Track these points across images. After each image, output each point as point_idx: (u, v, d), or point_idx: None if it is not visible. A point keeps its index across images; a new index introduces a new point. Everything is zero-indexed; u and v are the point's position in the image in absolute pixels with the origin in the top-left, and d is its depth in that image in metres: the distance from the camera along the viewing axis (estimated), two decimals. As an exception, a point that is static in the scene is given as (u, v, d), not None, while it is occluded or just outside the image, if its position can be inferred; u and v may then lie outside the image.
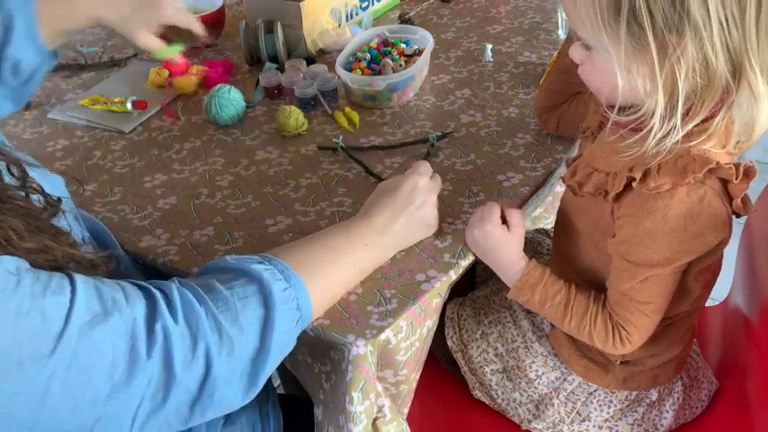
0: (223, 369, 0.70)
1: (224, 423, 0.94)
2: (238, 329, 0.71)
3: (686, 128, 0.74)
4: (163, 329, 0.66)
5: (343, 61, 1.28)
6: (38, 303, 0.59)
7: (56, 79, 1.45)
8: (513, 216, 0.91)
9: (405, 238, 0.93)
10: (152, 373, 0.65)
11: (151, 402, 0.65)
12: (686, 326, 0.97)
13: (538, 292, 0.90)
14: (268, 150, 1.19)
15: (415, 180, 0.93)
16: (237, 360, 0.71)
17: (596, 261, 0.92)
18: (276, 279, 0.76)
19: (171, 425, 0.70)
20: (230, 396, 0.72)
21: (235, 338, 0.70)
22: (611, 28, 0.72)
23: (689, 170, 0.76)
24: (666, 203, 0.78)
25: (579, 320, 0.88)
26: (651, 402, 1.00)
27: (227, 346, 0.70)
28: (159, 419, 0.67)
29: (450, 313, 1.10)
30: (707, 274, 0.90)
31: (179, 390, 0.67)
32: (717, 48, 0.70)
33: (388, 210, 0.90)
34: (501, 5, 1.58)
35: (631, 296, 0.84)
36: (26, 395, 0.59)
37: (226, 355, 0.70)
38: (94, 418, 0.63)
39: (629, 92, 0.75)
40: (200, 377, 0.68)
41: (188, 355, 0.67)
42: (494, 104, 1.24)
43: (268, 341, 0.73)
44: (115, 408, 0.63)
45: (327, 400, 0.93)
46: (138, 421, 0.65)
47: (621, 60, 0.73)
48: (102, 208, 1.09)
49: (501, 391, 1.05)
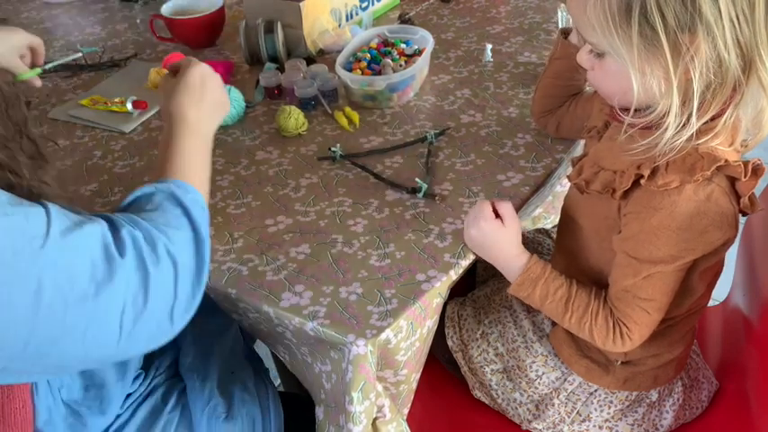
0: (187, 262, 0.76)
1: (225, 417, 0.95)
2: (176, 227, 0.78)
3: (695, 127, 0.75)
4: (129, 234, 0.72)
5: (343, 61, 1.28)
6: (18, 209, 0.65)
7: (56, 79, 1.45)
8: (504, 209, 0.91)
9: (212, 121, 0.98)
10: (129, 273, 0.70)
11: (133, 307, 0.70)
12: (687, 326, 0.97)
13: (539, 288, 0.89)
14: (268, 150, 1.19)
15: (199, 68, 0.98)
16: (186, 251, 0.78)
17: (601, 260, 0.92)
18: (169, 183, 0.84)
19: (156, 335, 0.74)
20: (188, 286, 0.76)
21: (176, 235, 0.77)
22: (623, 31, 0.72)
23: (697, 167, 0.76)
24: (674, 200, 0.78)
25: (580, 316, 0.88)
26: (651, 403, 1.00)
27: (177, 242, 0.76)
28: (145, 325, 0.71)
29: (451, 313, 1.10)
30: (710, 273, 0.90)
31: (157, 289, 0.72)
32: (729, 44, 0.71)
33: (194, 106, 0.95)
34: (501, 5, 1.58)
35: (634, 293, 0.84)
36: (22, 287, 0.63)
37: (179, 250, 0.76)
38: (85, 319, 0.66)
39: (643, 94, 0.75)
40: (172, 272, 0.74)
41: (153, 256, 0.72)
42: (494, 104, 1.24)
43: (197, 227, 0.80)
44: (102, 308, 0.67)
45: (328, 399, 0.93)
46: (126, 329, 0.69)
47: (635, 63, 0.73)
48: (102, 208, 1.09)
49: (501, 391, 1.05)
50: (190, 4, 1.51)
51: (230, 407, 0.96)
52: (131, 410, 0.94)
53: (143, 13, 1.72)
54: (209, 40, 1.53)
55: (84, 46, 1.56)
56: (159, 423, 0.94)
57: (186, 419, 0.96)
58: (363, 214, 1.03)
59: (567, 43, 1.03)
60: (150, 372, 0.98)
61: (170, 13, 1.48)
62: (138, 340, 0.72)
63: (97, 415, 0.89)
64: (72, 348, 0.67)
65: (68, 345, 0.67)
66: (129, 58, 1.51)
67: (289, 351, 0.99)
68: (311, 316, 0.88)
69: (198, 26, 1.48)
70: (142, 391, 0.96)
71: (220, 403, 0.96)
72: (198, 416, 0.95)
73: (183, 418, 0.96)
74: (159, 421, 0.94)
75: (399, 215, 1.02)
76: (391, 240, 0.97)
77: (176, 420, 0.95)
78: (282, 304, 0.90)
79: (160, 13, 1.48)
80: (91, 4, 1.81)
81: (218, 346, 1.03)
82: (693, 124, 0.74)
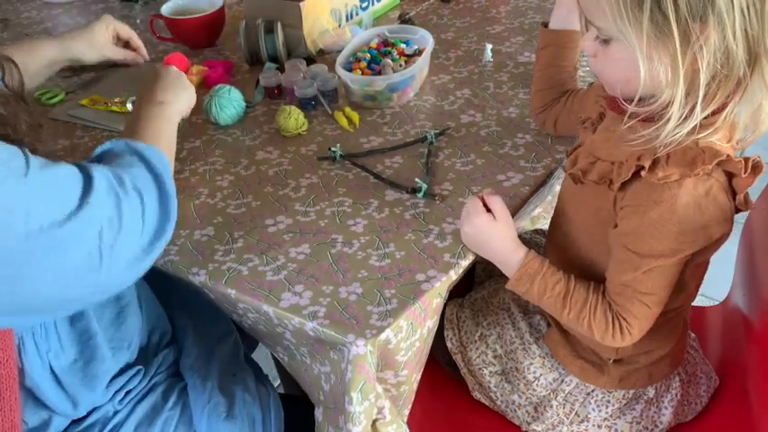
0: (149, 201, 0.82)
1: (225, 416, 0.95)
2: (138, 171, 0.84)
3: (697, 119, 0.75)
4: (98, 170, 0.78)
5: (343, 61, 1.28)
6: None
7: (56, 79, 1.45)
8: (494, 203, 0.91)
9: (178, 103, 1.05)
10: (102, 197, 0.75)
11: (110, 230, 0.75)
12: (678, 322, 0.97)
13: (536, 283, 0.89)
14: (268, 150, 1.19)
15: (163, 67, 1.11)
16: (151, 190, 0.83)
17: (592, 252, 0.92)
18: (125, 139, 0.90)
19: (133, 263, 0.79)
20: (153, 218, 0.82)
21: (139, 173, 0.84)
22: (634, 16, 0.72)
23: (698, 161, 0.76)
24: (674, 194, 0.78)
25: (578, 312, 0.88)
26: (649, 399, 1.00)
27: (141, 183, 0.82)
28: (122, 249, 0.76)
29: (450, 315, 1.10)
30: (702, 269, 0.90)
31: (129, 214, 0.77)
32: (738, 36, 0.71)
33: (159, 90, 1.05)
34: (501, 5, 1.58)
35: (634, 287, 0.84)
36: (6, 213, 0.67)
37: (142, 190, 0.82)
38: (68, 239, 0.71)
39: (649, 82, 0.75)
40: (139, 203, 0.80)
41: (122, 189, 0.78)
42: (494, 104, 1.24)
43: (155, 168, 0.86)
44: (82, 229, 0.72)
45: (327, 400, 0.93)
46: (105, 253, 0.74)
47: (643, 49, 0.73)
48: (103, 208, 1.09)
49: (500, 393, 1.05)
50: (190, 4, 1.51)
51: (231, 406, 0.96)
52: (131, 406, 0.94)
53: (143, 13, 1.72)
54: (209, 40, 1.53)
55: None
56: (159, 420, 0.94)
57: (186, 417, 0.96)
58: (363, 214, 1.03)
59: (549, 31, 1.06)
60: (151, 369, 0.98)
61: (170, 13, 1.48)
62: (119, 266, 0.76)
63: (85, 389, 0.88)
64: (52, 276, 0.71)
65: (48, 272, 0.71)
66: (129, 58, 1.51)
67: (288, 352, 0.99)
68: (311, 316, 0.88)
69: (198, 26, 1.48)
70: (142, 388, 0.96)
71: (221, 402, 0.96)
72: (198, 414, 0.95)
73: (184, 415, 0.96)
74: (159, 418, 0.94)
75: (399, 215, 1.02)
76: (391, 240, 0.97)
77: (176, 418, 0.95)
78: (282, 304, 0.90)
79: (160, 13, 1.48)
80: (91, 4, 1.81)
81: (218, 350, 1.03)
82: (698, 115, 0.74)
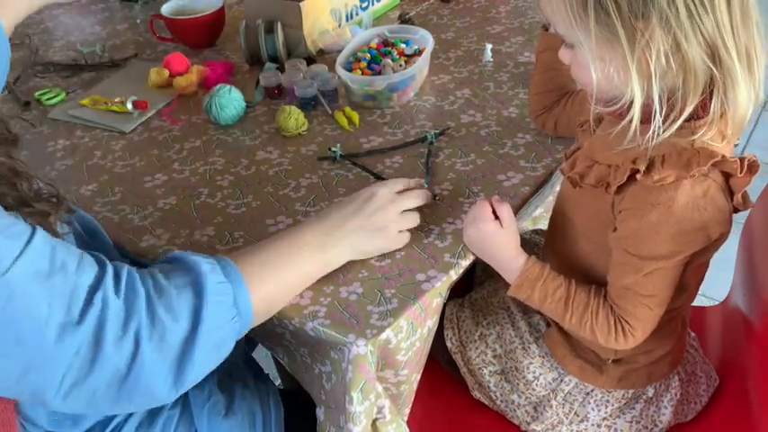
0: (151, 353, 0.71)
1: (225, 414, 0.95)
2: (171, 316, 0.73)
3: (680, 120, 0.75)
4: (102, 300, 0.68)
5: (343, 61, 1.28)
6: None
7: (56, 79, 1.45)
8: (502, 210, 0.91)
9: (356, 243, 0.90)
10: (82, 340, 0.67)
11: (77, 372, 0.67)
12: (677, 321, 0.97)
13: (537, 289, 0.89)
14: (268, 150, 1.19)
15: (375, 188, 0.93)
16: (168, 346, 0.72)
17: (590, 255, 0.92)
18: (214, 272, 0.78)
19: (99, 403, 0.71)
20: (157, 384, 0.73)
21: (167, 324, 0.72)
22: (581, 20, 0.74)
23: (693, 163, 0.77)
24: (671, 196, 0.78)
25: (580, 316, 0.88)
26: (648, 399, 1.00)
27: (158, 331, 0.71)
28: (84, 392, 0.69)
29: (449, 314, 1.10)
30: (702, 269, 0.90)
31: (105, 365, 0.68)
32: (688, 31, 0.71)
33: (337, 213, 0.91)
34: (501, 5, 1.58)
35: (636, 290, 0.84)
36: None
37: (157, 340, 0.71)
38: (26, 363, 0.65)
39: (605, 83, 0.77)
40: (128, 357, 0.70)
41: (119, 332, 0.69)
42: (494, 104, 1.24)
43: (198, 330, 0.74)
44: (45, 361, 0.65)
45: (329, 400, 0.93)
46: (63, 389, 0.67)
47: (594, 51, 0.75)
48: (103, 208, 1.09)
49: (500, 393, 1.05)
50: (190, 4, 1.51)
51: (231, 403, 0.96)
52: None
53: (143, 13, 1.72)
54: (209, 41, 1.53)
55: (83, 46, 1.56)
56: (159, 420, 0.94)
57: (187, 416, 0.96)
58: (363, 214, 1.02)
59: (549, 35, 1.05)
60: None
61: (170, 13, 1.48)
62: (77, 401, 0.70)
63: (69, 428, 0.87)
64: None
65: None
66: (130, 58, 1.51)
67: (288, 353, 0.99)
68: (311, 316, 0.88)
69: (198, 26, 1.48)
70: None
71: (221, 400, 0.96)
72: (198, 413, 0.95)
73: (184, 415, 0.96)
74: (160, 418, 0.94)
75: (399, 215, 1.02)
76: (391, 240, 0.97)
77: (177, 417, 0.95)
78: (282, 304, 0.90)
79: (160, 13, 1.48)
80: (91, 4, 1.81)
81: None
82: (658, 114, 0.74)
